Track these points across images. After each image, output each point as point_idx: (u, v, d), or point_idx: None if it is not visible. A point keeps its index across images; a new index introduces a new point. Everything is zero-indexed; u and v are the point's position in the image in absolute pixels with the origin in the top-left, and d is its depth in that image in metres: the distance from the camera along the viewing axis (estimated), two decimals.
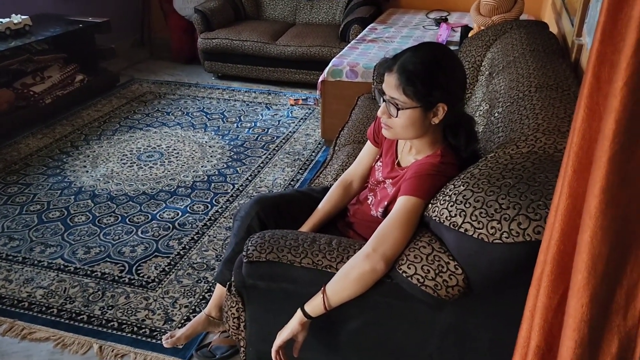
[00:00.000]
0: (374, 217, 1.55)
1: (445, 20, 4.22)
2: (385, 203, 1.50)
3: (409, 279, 1.24)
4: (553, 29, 2.71)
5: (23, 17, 3.78)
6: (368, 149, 1.71)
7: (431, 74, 1.35)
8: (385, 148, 1.62)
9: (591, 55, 0.79)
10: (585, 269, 0.78)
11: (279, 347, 1.38)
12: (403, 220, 1.31)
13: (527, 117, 1.52)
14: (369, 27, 4.15)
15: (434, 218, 1.27)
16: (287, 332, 1.37)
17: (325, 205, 1.69)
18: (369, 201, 1.62)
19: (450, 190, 1.26)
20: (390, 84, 1.38)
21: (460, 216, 1.19)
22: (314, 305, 1.33)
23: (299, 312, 1.35)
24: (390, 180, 1.53)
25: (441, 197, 1.28)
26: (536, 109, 1.54)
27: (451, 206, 1.22)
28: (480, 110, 2.07)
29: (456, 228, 1.20)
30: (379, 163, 1.64)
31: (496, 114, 1.76)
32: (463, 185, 1.24)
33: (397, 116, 1.38)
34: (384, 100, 1.41)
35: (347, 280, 1.30)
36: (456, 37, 3.68)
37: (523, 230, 1.11)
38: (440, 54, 1.42)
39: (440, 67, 1.38)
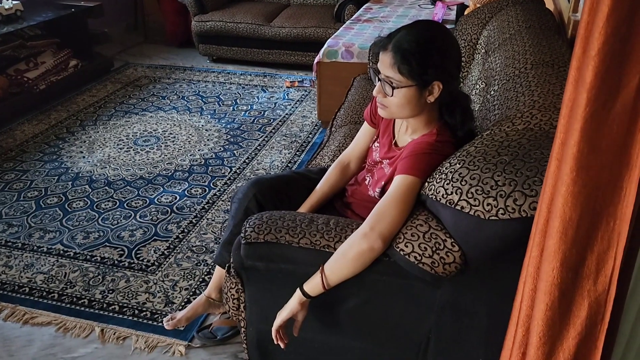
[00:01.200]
0: (371, 197, 1.56)
1: None
2: (383, 183, 1.50)
3: (407, 256, 1.25)
4: (549, 5, 2.69)
5: (14, 2, 3.73)
6: (365, 129, 1.71)
7: (426, 52, 1.35)
8: (382, 129, 1.62)
9: (580, 28, 0.79)
10: (556, 234, 0.80)
11: (279, 326, 1.40)
12: (400, 198, 1.31)
13: (522, 94, 1.51)
14: (364, 7, 4.12)
15: (430, 196, 1.28)
16: (287, 311, 1.38)
17: (322, 186, 1.69)
18: (366, 182, 1.62)
19: (446, 169, 1.27)
20: (385, 63, 1.37)
21: (457, 194, 1.20)
22: (313, 285, 1.35)
23: (298, 291, 1.37)
24: (388, 160, 1.53)
25: (437, 175, 1.28)
26: (532, 86, 1.54)
27: (447, 184, 1.23)
28: (477, 89, 2.07)
29: (452, 206, 1.20)
30: (376, 144, 1.64)
31: (492, 92, 1.75)
32: (459, 163, 1.25)
33: (392, 95, 1.38)
34: (379, 80, 1.41)
35: (345, 259, 1.31)
36: (452, 15, 3.65)
37: (519, 207, 1.12)
38: (435, 32, 1.41)
39: (435, 45, 1.37)
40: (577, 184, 0.76)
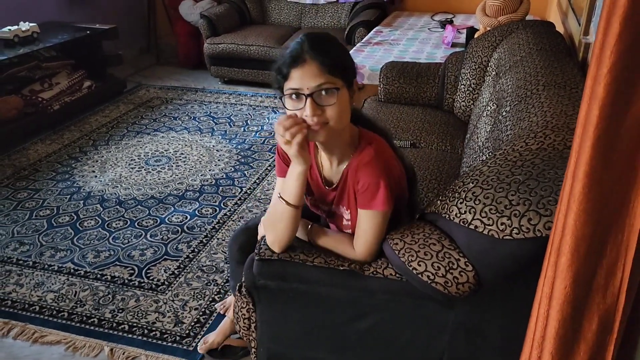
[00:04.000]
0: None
1: (451, 22, 4.22)
2: (350, 231, 1.44)
3: (420, 276, 1.24)
4: (559, 28, 2.70)
5: (31, 24, 3.81)
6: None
7: (341, 49, 1.33)
8: (315, 178, 1.48)
9: (595, 48, 0.79)
10: (569, 251, 0.80)
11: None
12: (377, 232, 1.35)
13: (535, 114, 1.52)
14: (374, 30, 4.16)
15: (443, 215, 1.27)
16: None
17: None
18: (335, 225, 1.54)
19: (459, 188, 1.26)
20: (312, 73, 1.23)
21: (470, 213, 1.19)
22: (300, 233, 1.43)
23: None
24: (340, 206, 1.45)
25: (450, 194, 1.28)
26: (544, 107, 1.54)
27: (460, 203, 1.22)
28: (488, 110, 2.07)
29: (466, 225, 1.20)
30: (307, 203, 1.52)
31: (504, 113, 1.76)
32: (472, 183, 1.25)
33: (335, 101, 1.24)
34: (307, 97, 1.23)
35: (334, 251, 1.40)
36: (462, 38, 3.68)
37: (533, 226, 1.11)
38: (327, 34, 1.36)
39: (339, 42, 1.35)
40: (589, 201, 0.76)
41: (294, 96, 1.25)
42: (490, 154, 1.66)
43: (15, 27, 3.73)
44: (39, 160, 3.34)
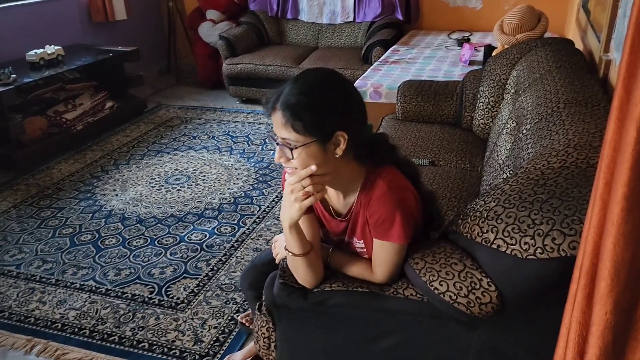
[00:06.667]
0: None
1: (468, 40, 4.23)
2: (366, 256, 1.42)
3: (441, 295, 1.23)
4: (578, 45, 2.69)
5: (56, 47, 3.92)
6: (307, 220, 1.40)
7: (317, 102, 1.21)
8: (319, 212, 1.46)
9: (621, 67, 0.79)
10: (609, 276, 0.78)
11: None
12: (396, 260, 1.33)
13: (557, 132, 1.51)
14: (391, 49, 4.19)
15: (465, 234, 1.26)
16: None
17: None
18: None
19: (480, 206, 1.26)
20: (277, 124, 1.21)
21: (493, 232, 1.18)
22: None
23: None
24: (348, 239, 1.44)
25: (471, 213, 1.27)
26: (566, 125, 1.53)
27: (482, 222, 1.22)
28: (507, 128, 2.07)
29: (488, 244, 1.19)
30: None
31: (524, 131, 1.75)
32: (494, 201, 1.24)
33: (292, 157, 1.22)
34: (277, 144, 1.24)
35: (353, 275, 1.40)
36: (479, 56, 3.68)
37: (558, 246, 1.10)
38: (324, 78, 1.28)
39: (325, 92, 1.23)
40: (628, 224, 0.74)
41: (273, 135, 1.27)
42: (511, 172, 1.65)
43: (41, 50, 3.83)
44: (62, 180, 3.40)
